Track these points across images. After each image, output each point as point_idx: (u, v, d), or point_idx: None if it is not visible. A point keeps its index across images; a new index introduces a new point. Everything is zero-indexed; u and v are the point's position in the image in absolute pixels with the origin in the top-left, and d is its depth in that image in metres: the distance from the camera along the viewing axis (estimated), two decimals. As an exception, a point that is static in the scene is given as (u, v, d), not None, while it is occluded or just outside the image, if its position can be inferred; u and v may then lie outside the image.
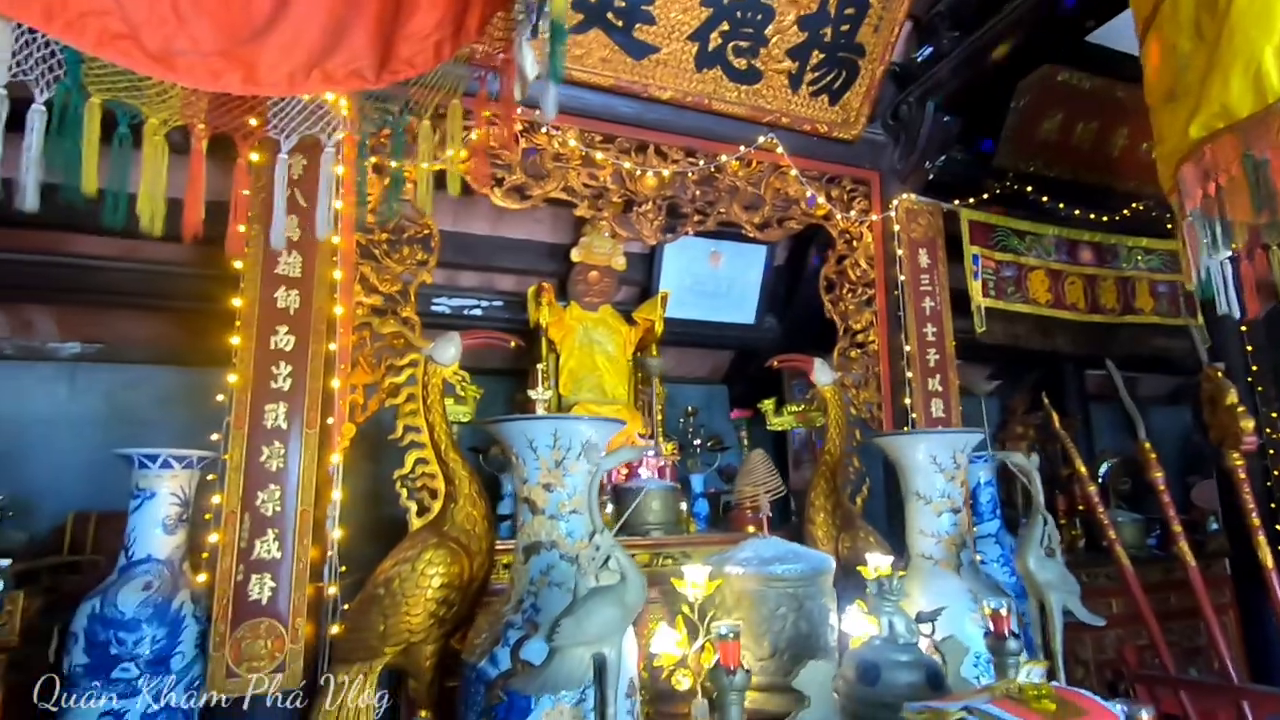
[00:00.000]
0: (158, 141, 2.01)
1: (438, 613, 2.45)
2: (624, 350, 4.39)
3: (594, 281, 4.40)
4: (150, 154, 2.01)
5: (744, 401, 5.23)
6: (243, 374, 2.54)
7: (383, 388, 2.87)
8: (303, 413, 2.58)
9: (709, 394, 5.79)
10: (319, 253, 2.72)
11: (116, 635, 2.26)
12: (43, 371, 4.21)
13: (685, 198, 3.62)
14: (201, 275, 4.06)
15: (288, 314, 2.63)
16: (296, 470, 2.54)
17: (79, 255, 3.91)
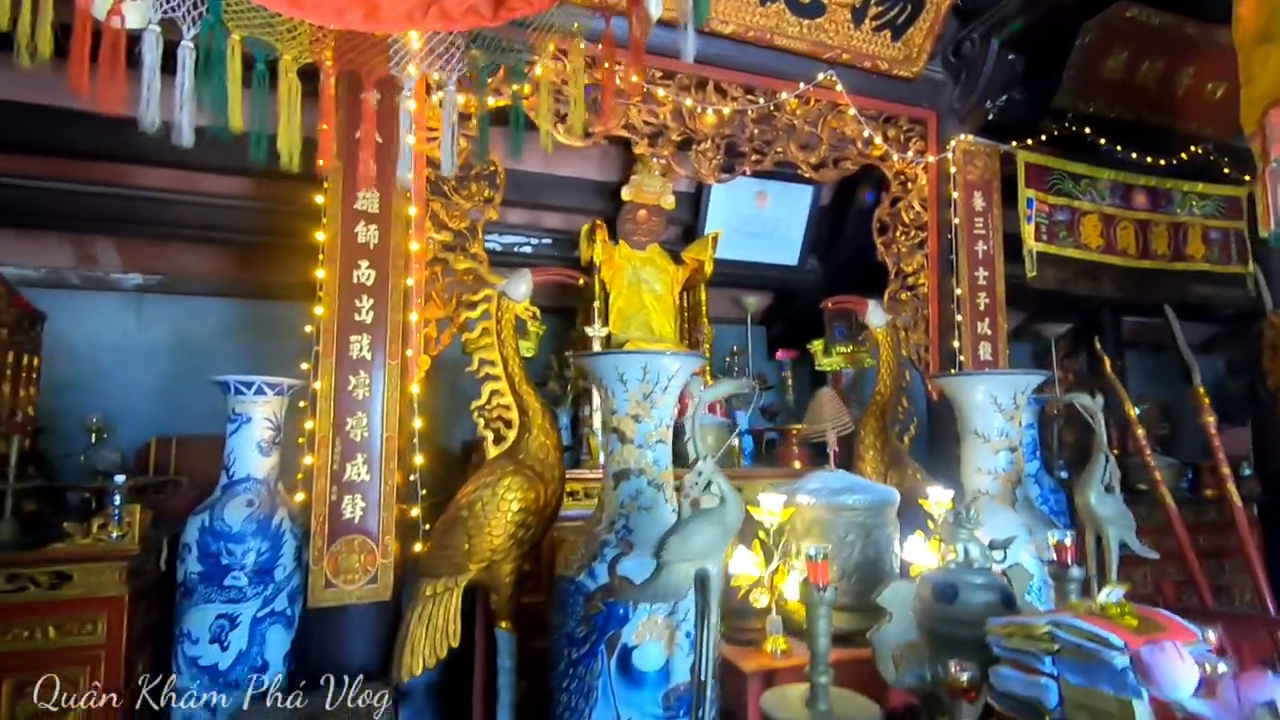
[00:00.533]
0: (291, 78, 2.04)
1: (516, 534, 2.61)
2: (671, 290, 4.45)
3: (642, 220, 4.42)
4: (286, 91, 2.03)
5: (782, 343, 5.30)
6: (328, 306, 2.64)
7: (456, 322, 2.97)
8: (385, 345, 2.69)
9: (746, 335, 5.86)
10: (395, 189, 2.77)
11: (226, 547, 2.45)
12: (110, 302, 4.35)
13: (743, 136, 3.61)
14: (258, 209, 4.14)
15: (368, 249, 2.71)
16: (380, 399, 2.67)
17: (140, 187, 3.98)
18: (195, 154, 3.88)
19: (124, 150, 3.77)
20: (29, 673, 2.28)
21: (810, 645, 1.74)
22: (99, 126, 3.76)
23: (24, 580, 2.29)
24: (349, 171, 2.70)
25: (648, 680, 1.86)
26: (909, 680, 1.72)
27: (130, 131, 3.71)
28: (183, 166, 3.94)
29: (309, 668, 2.55)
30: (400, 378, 2.73)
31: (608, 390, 2.10)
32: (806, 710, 1.70)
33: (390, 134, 2.75)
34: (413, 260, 2.81)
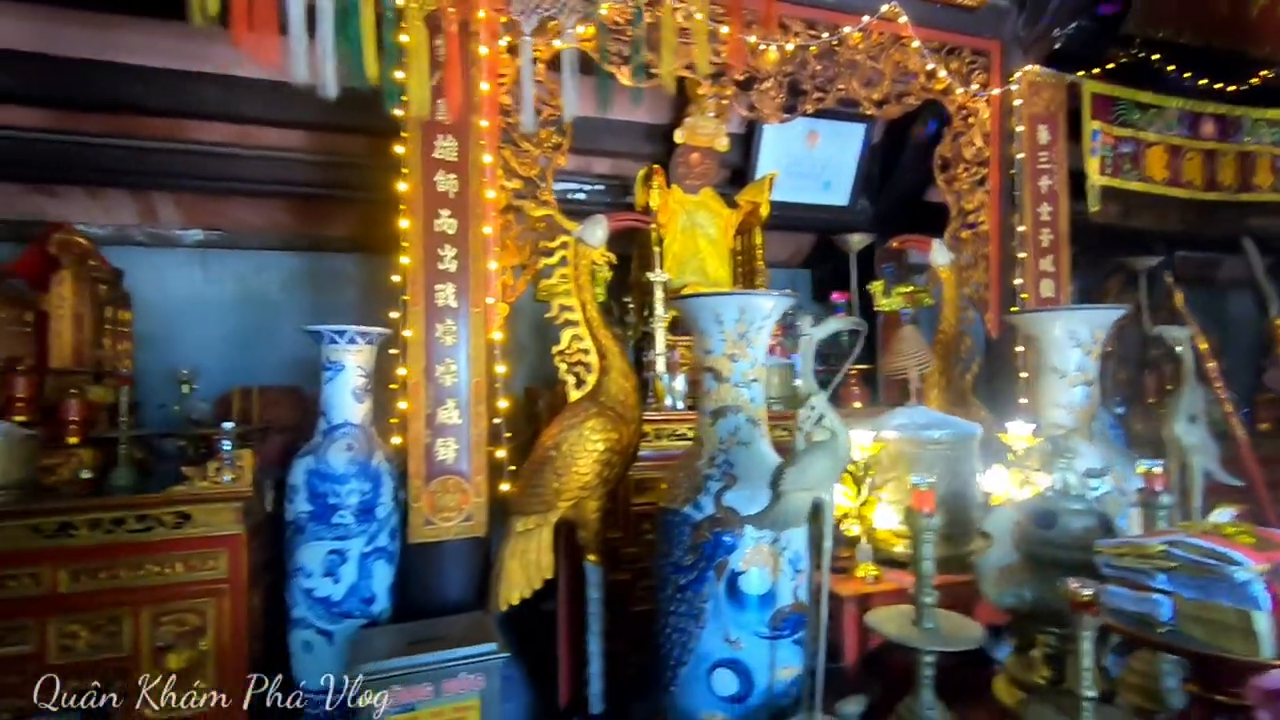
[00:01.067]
0: (418, 25, 2.05)
1: (602, 473, 2.72)
2: (725, 234, 4.45)
3: (695, 164, 4.39)
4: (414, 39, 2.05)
5: (828, 286, 5.29)
6: (414, 256, 2.69)
7: (530, 269, 3.02)
8: (468, 292, 2.76)
9: (791, 278, 5.86)
10: (471, 136, 2.79)
11: (332, 488, 2.58)
12: (176, 257, 4.44)
13: (805, 74, 3.55)
14: (316, 163, 4.17)
15: (448, 197, 2.74)
16: (466, 345, 2.74)
17: (199, 142, 4.02)
18: (253, 107, 3.95)
19: (184, 105, 3.80)
20: (163, 604, 2.45)
21: (915, 568, 1.83)
22: (159, 83, 3.82)
23: (151, 520, 2.44)
24: (426, 124, 2.71)
25: (755, 603, 1.97)
26: (1009, 600, 1.81)
27: (190, 86, 3.79)
28: (241, 120, 3.97)
29: (412, 600, 2.71)
30: (482, 325, 2.80)
31: (704, 331, 2.16)
32: (914, 628, 1.80)
33: (469, 80, 2.76)
34: (488, 208, 2.84)
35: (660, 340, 3.73)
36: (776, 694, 1.99)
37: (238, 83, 3.80)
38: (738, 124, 4.65)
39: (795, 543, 2.02)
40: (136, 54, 3.60)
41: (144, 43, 3.57)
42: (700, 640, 2.01)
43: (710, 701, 2.00)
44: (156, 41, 3.58)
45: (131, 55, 3.60)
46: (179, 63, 3.69)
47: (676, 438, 3.38)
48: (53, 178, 4.07)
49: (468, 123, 2.78)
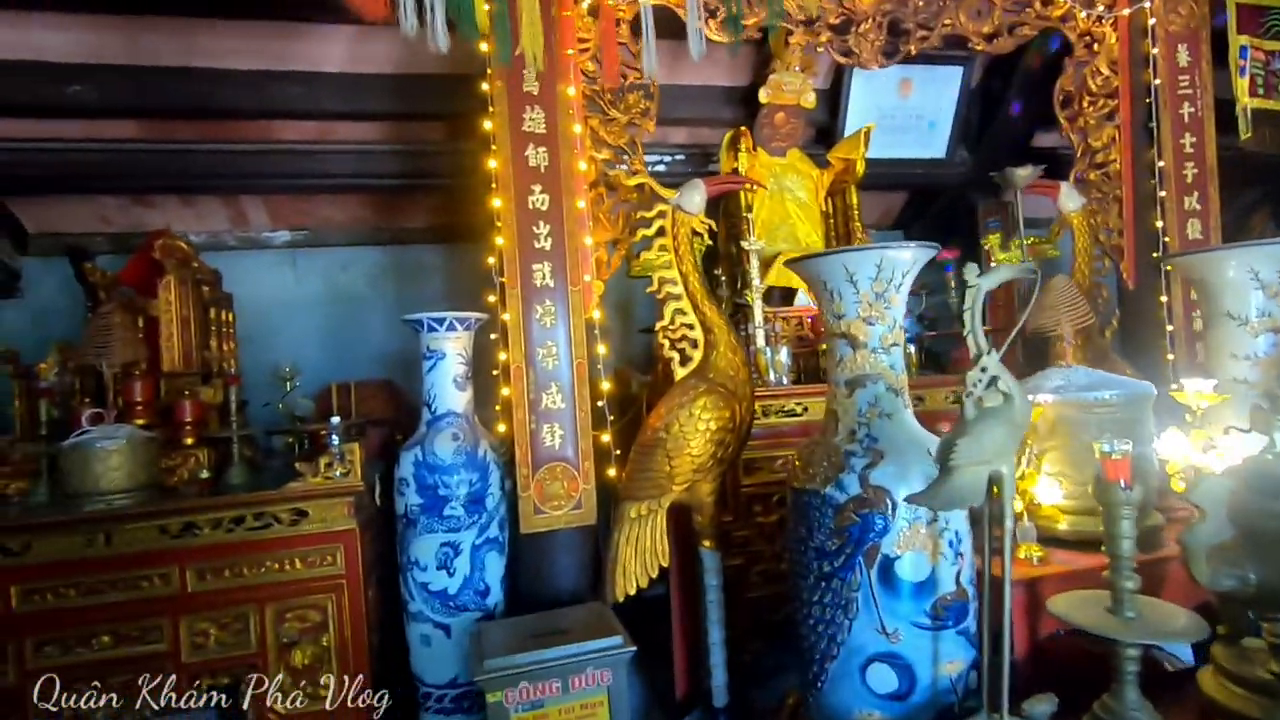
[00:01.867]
0: None
1: (716, 453, 2.55)
2: (816, 196, 4.18)
3: (780, 124, 4.13)
4: None
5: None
6: (508, 236, 2.58)
7: (624, 243, 2.87)
8: (565, 271, 2.63)
9: (882, 241, 5.51)
10: (559, 106, 2.64)
11: (441, 479, 2.51)
12: (266, 259, 4.52)
13: (906, 10, 3.24)
14: (394, 153, 4.13)
15: (539, 172, 2.61)
16: (566, 326, 2.62)
17: (282, 141, 4.04)
18: (334, 102, 3.93)
19: (269, 105, 3.82)
20: (286, 601, 2.45)
21: (1111, 548, 1.59)
22: (243, 85, 3.83)
23: (268, 518, 2.43)
24: (513, 91, 2.58)
25: (911, 591, 1.77)
26: (1228, 583, 1.55)
27: (273, 86, 3.79)
28: (324, 117, 3.97)
29: (523, 591, 2.63)
30: (580, 304, 2.66)
31: (834, 293, 1.95)
32: (1113, 618, 1.57)
33: (552, 46, 2.61)
34: (580, 181, 2.69)
35: (758, 312, 3.52)
36: (941, 690, 1.79)
37: (319, 79, 3.79)
38: (824, 79, 4.36)
39: (955, 522, 1.81)
40: (219, 58, 3.62)
41: (226, 46, 3.59)
42: (851, 633, 1.83)
43: (866, 699, 1.82)
44: (238, 44, 3.59)
45: (214, 59, 3.62)
46: (262, 63, 3.70)
47: (785, 414, 3.18)
48: (148, 188, 4.18)
49: (554, 91, 2.64)
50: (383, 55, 3.74)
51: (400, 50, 3.73)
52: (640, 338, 4.35)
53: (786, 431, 3.15)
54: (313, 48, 3.68)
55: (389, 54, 3.74)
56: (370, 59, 3.75)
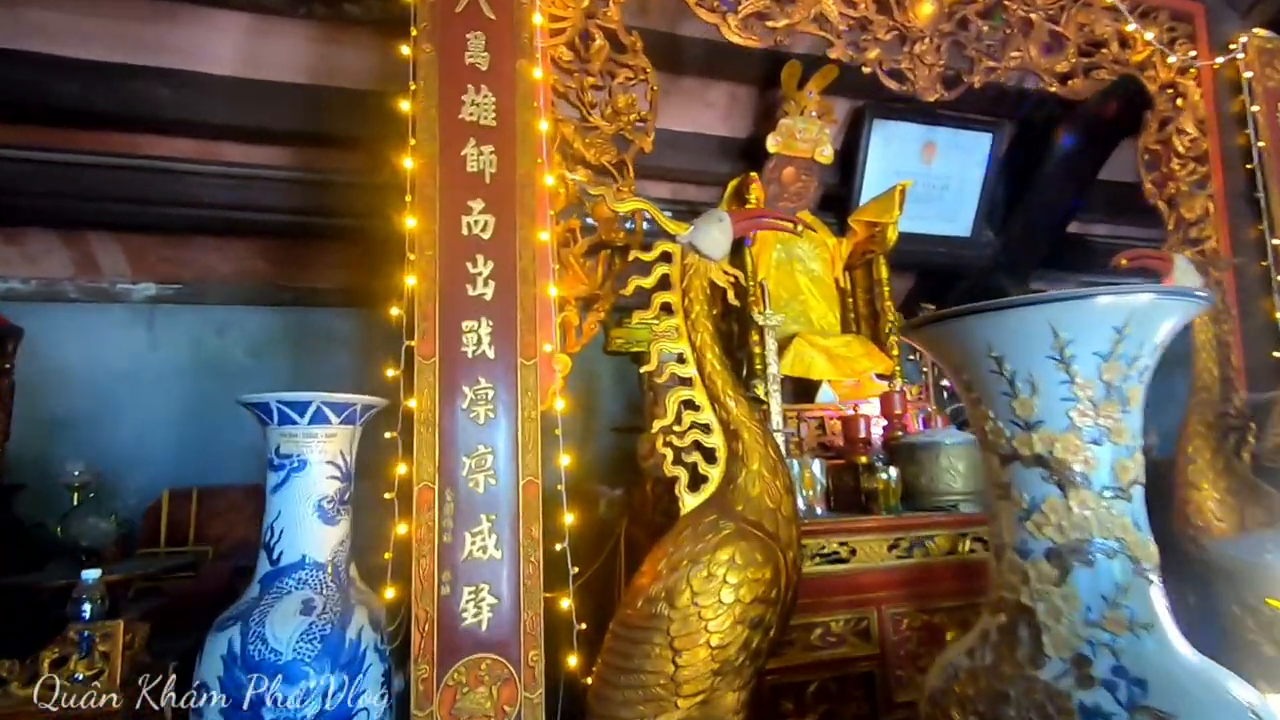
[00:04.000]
0: None
1: (750, 641, 1.55)
2: (830, 268, 3.39)
3: (790, 180, 3.38)
4: None
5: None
6: (423, 274, 1.62)
7: (609, 299, 1.95)
8: (514, 335, 1.66)
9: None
10: (516, 91, 1.76)
11: (275, 688, 1.41)
12: (116, 316, 3.41)
13: (969, 34, 2.56)
14: (302, 182, 3.18)
15: (482, 181, 1.69)
16: (510, 423, 1.63)
17: (152, 157, 3.06)
18: (217, 112, 2.98)
19: (126, 110, 2.85)
20: None
21: None
22: (94, 79, 2.88)
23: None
24: (448, 56, 1.70)
25: None
26: None
27: (135, 86, 2.83)
28: (202, 131, 3.02)
29: None
30: (535, 389, 1.69)
31: (1016, 382, 1.04)
32: None
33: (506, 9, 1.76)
34: (543, 203, 1.78)
35: (776, 411, 2.60)
36: None
37: (200, 81, 2.87)
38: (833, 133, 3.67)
39: None
40: (60, 40, 2.68)
41: (70, 25, 2.65)
42: None
43: None
44: (88, 24, 2.66)
45: (53, 42, 2.67)
46: (121, 53, 2.76)
47: (825, 559, 2.20)
48: (-45, 214, 3.09)
49: (512, 68, 1.76)
50: (286, 57, 2.86)
51: (309, 52, 2.87)
52: (611, 440, 3.36)
53: (830, 585, 2.16)
54: (193, 39, 2.78)
55: (294, 56, 2.87)
56: (269, 61, 2.87)
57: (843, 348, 3.03)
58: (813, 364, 2.92)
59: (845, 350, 3.02)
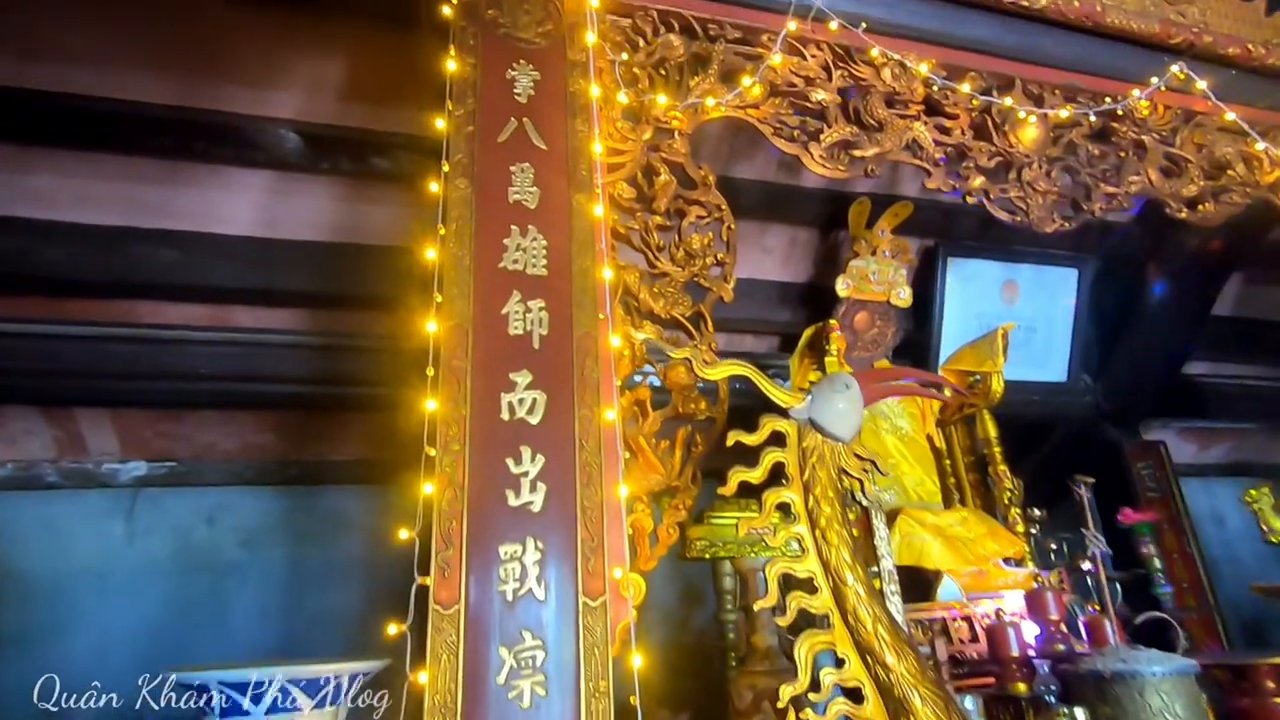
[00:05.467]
0: None
1: None
2: (921, 424, 2.89)
3: (863, 327, 2.99)
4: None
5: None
6: (446, 478, 1.14)
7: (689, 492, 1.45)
8: (575, 559, 1.15)
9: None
10: (573, 232, 1.38)
11: None
12: (93, 504, 2.95)
13: (1079, 159, 2.23)
14: (314, 348, 2.83)
15: (529, 347, 1.26)
16: (572, 702, 1.08)
17: (154, 326, 2.74)
18: (227, 276, 2.70)
19: (126, 276, 2.58)
20: None
21: None
22: (92, 244, 2.64)
23: None
24: (487, 200, 1.33)
25: None
26: None
27: (137, 249, 2.56)
28: (208, 296, 2.73)
29: None
30: (605, 633, 1.15)
31: None
32: None
33: (554, 127, 1.43)
34: (608, 369, 1.34)
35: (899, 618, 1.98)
36: None
37: (207, 242, 2.61)
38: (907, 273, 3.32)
39: None
40: (57, 205, 2.45)
41: (70, 188, 2.44)
42: None
43: None
44: (88, 186, 2.44)
45: (49, 207, 2.45)
46: (123, 216, 2.53)
47: None
48: (-70, 394, 2.76)
49: (568, 208, 1.39)
50: (305, 215, 2.62)
51: (331, 209, 2.62)
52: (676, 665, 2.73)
53: None
54: (206, 200, 2.55)
55: (314, 213, 2.62)
56: (287, 219, 2.62)
57: (958, 526, 2.45)
58: (925, 550, 2.34)
59: (962, 530, 2.44)
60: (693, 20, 1.88)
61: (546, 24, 1.55)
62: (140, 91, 2.27)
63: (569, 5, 1.60)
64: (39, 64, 2.19)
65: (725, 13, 1.92)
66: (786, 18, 1.92)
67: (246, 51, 2.30)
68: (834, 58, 2.01)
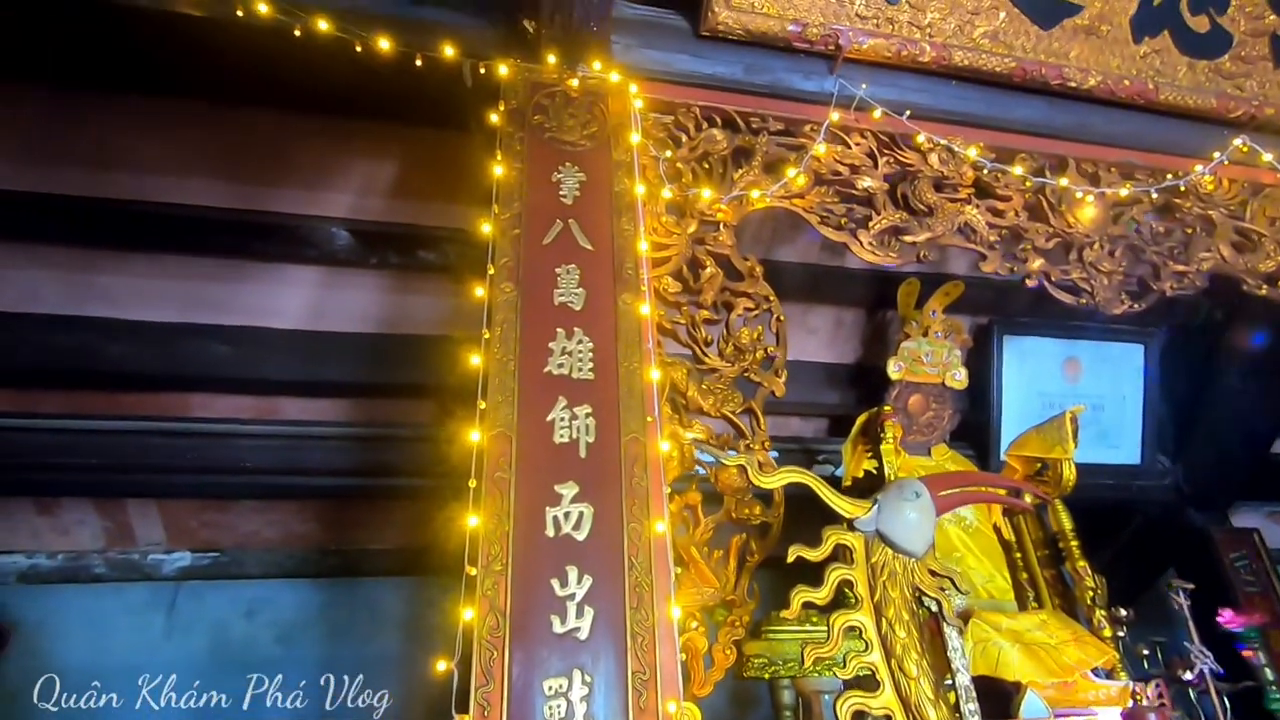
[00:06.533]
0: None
1: None
2: (988, 515, 2.70)
3: (918, 410, 2.85)
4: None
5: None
6: (487, 602, 1.07)
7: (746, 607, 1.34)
8: (624, 695, 1.05)
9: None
10: (619, 333, 1.34)
11: None
12: (135, 597, 2.94)
13: (1143, 237, 2.13)
14: (356, 439, 2.83)
15: (575, 456, 1.20)
16: None
17: (203, 420, 2.77)
18: (278, 369, 2.74)
19: (179, 370, 2.64)
20: None
21: None
22: (150, 340, 2.72)
23: None
24: (532, 303, 1.30)
25: None
26: None
27: (191, 344, 2.63)
28: (257, 389, 2.77)
29: None
30: (656, 782, 1.03)
31: None
32: None
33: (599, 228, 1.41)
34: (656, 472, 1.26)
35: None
36: None
37: (259, 336, 2.67)
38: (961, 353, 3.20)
39: None
40: (120, 303, 2.54)
41: (133, 288, 2.53)
42: None
43: None
44: (149, 285, 2.53)
45: (114, 305, 2.54)
46: (178, 313, 2.61)
47: None
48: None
49: (614, 309, 1.36)
50: (353, 307, 2.66)
51: (378, 301, 2.67)
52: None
53: None
54: (259, 294, 2.62)
55: (362, 306, 2.67)
56: (336, 312, 2.67)
57: (1038, 631, 2.23)
58: (1003, 659, 2.12)
59: (1043, 635, 2.22)
60: (735, 115, 1.89)
61: (591, 126, 1.57)
62: (200, 196, 2.37)
63: (614, 107, 1.62)
64: (111, 173, 2.32)
65: (767, 106, 1.93)
66: (829, 108, 1.92)
67: (300, 155, 2.40)
68: (879, 145, 1.99)
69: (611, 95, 1.63)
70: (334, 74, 1.84)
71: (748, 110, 1.90)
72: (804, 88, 1.95)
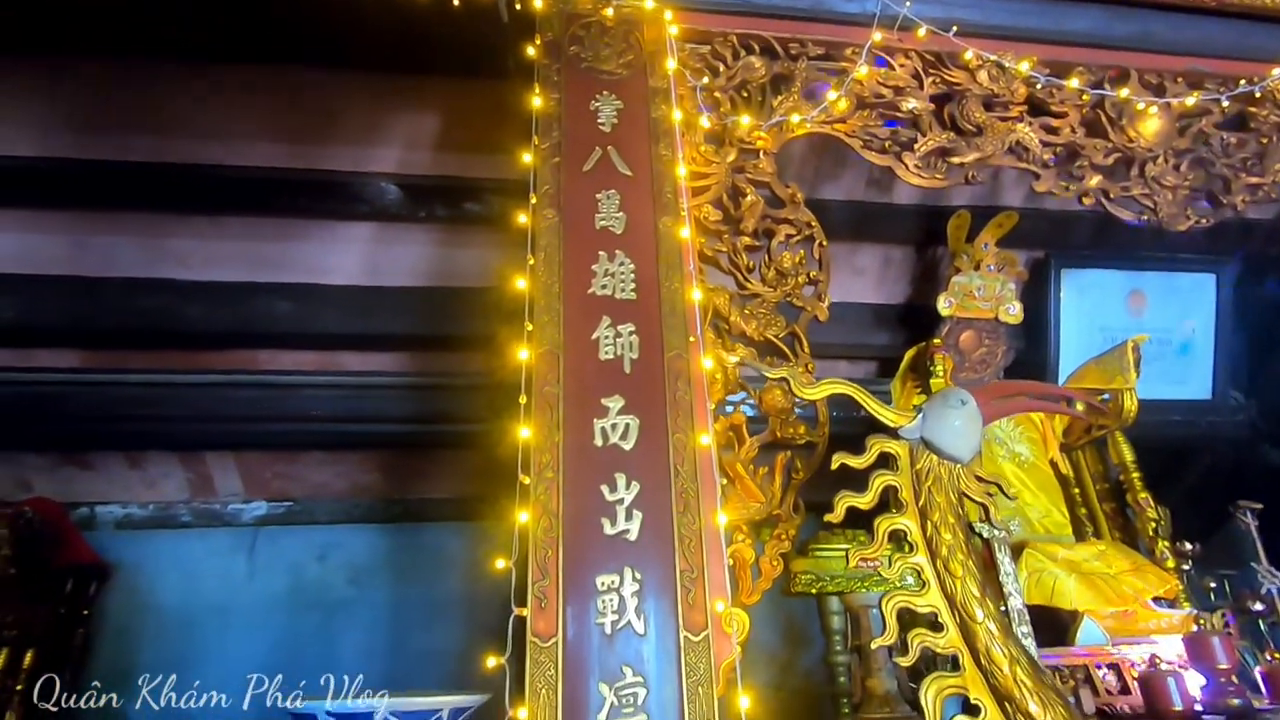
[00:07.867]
0: None
1: None
2: (1043, 449, 2.65)
3: (970, 347, 2.80)
4: None
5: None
6: (540, 507, 1.12)
7: (793, 522, 1.37)
8: (674, 591, 1.10)
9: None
10: (660, 255, 1.36)
11: None
12: (218, 542, 3.15)
13: (1214, 151, 2.02)
14: (418, 388, 2.94)
15: (620, 371, 1.24)
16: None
17: (270, 372, 2.93)
18: (337, 322, 2.86)
19: (247, 327, 2.78)
20: None
21: None
22: (220, 300, 2.87)
23: None
24: (574, 228, 1.33)
25: None
26: None
27: (259, 302, 2.78)
28: (319, 343, 2.89)
29: None
30: (708, 676, 1.07)
31: None
32: None
33: (639, 152, 1.42)
34: (701, 397, 1.29)
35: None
36: None
37: (319, 293, 2.78)
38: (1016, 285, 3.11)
39: None
40: (191, 265, 2.68)
41: (202, 250, 2.67)
42: None
43: None
44: (217, 247, 2.67)
45: (185, 267, 2.68)
46: (245, 272, 2.74)
47: None
48: (86, 439, 3.04)
49: (654, 231, 1.37)
50: (405, 261, 2.75)
51: (428, 255, 2.74)
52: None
53: None
54: (316, 252, 2.73)
55: (414, 260, 2.75)
56: (389, 267, 2.76)
57: (1096, 561, 2.21)
58: (1059, 588, 2.11)
59: (1101, 565, 2.19)
60: (773, 41, 1.86)
61: (627, 55, 1.57)
62: (256, 157, 2.47)
63: (649, 35, 1.62)
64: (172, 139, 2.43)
65: (806, 30, 1.89)
66: (871, 29, 1.87)
67: (347, 113, 2.46)
68: (924, 65, 1.93)
69: (646, 23, 1.63)
70: (377, 26, 1.89)
71: (786, 36, 1.87)
72: (845, 9, 1.90)
